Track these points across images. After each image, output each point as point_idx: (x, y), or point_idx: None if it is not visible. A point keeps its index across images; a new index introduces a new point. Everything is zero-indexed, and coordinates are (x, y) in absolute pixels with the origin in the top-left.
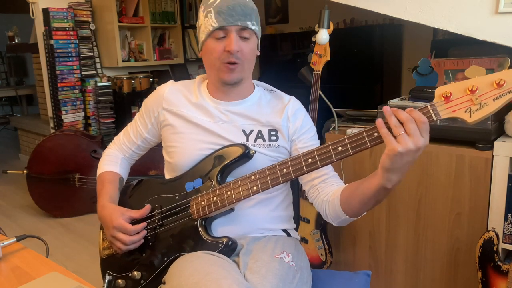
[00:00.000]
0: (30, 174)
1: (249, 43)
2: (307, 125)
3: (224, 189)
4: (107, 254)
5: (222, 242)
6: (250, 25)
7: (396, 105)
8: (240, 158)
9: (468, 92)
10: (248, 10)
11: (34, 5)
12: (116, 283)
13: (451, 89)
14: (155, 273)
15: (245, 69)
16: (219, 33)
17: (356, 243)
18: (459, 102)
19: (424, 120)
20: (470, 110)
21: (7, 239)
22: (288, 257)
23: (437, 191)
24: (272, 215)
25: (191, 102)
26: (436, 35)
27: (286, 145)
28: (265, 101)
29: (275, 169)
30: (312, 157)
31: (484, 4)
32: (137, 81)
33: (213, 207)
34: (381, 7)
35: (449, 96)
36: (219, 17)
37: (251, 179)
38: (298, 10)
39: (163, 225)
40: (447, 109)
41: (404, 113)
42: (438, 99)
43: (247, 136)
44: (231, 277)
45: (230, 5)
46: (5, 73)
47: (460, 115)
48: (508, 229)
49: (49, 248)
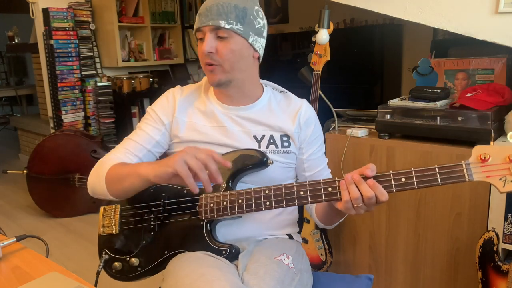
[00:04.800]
0: (30, 174)
1: (228, 42)
2: (317, 133)
3: (236, 197)
4: (106, 233)
5: (226, 250)
6: (223, 24)
7: (396, 105)
8: (256, 166)
9: (508, 160)
10: (227, 8)
11: (34, 5)
12: (113, 265)
13: (491, 152)
14: (154, 263)
15: (227, 71)
16: (199, 34)
17: (356, 243)
18: (496, 169)
19: (384, 199)
20: (506, 180)
21: (7, 239)
22: (288, 259)
23: (437, 191)
24: (278, 219)
25: (200, 110)
26: (436, 35)
27: (296, 151)
28: (276, 103)
29: (292, 189)
30: (333, 187)
31: (484, 4)
32: (137, 81)
33: (222, 213)
34: (381, 7)
35: (487, 159)
36: (197, 18)
37: (265, 193)
38: (298, 10)
39: (167, 217)
40: (482, 172)
41: (366, 188)
42: (475, 159)
43: (259, 142)
44: (226, 278)
45: (208, 6)
46: (5, 73)
47: (494, 182)
48: (508, 229)
49: (49, 248)
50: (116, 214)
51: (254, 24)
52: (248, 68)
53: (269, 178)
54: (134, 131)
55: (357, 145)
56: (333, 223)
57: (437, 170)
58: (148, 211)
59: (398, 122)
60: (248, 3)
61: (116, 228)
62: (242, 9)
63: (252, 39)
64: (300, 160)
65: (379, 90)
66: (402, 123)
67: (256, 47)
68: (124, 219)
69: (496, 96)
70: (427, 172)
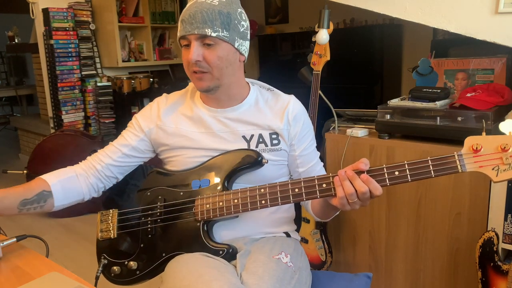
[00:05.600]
0: (30, 174)
1: (215, 50)
2: (307, 128)
3: (232, 196)
4: (104, 237)
5: (223, 250)
6: (209, 33)
7: (396, 105)
8: (251, 165)
9: (500, 149)
10: (211, 15)
11: (34, 5)
12: (111, 269)
13: (482, 142)
14: (152, 266)
15: (216, 77)
16: (183, 41)
17: (356, 243)
18: (489, 159)
19: (378, 194)
20: (498, 169)
21: (7, 239)
22: (286, 258)
23: (437, 191)
24: (274, 217)
25: (187, 116)
26: (436, 35)
27: (286, 148)
28: (263, 101)
29: (286, 186)
30: (327, 183)
31: (484, 4)
32: (137, 81)
33: (218, 213)
34: (381, 7)
35: (479, 150)
36: (181, 25)
37: (260, 192)
38: (298, 10)
39: (165, 219)
40: (475, 163)
41: (360, 183)
42: (467, 150)
43: (248, 142)
44: (224, 278)
45: (192, 12)
46: (5, 73)
47: (486, 172)
48: (508, 229)
49: (49, 248)
50: (113, 219)
51: (239, 28)
52: (235, 72)
53: (263, 177)
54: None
55: (357, 145)
56: (329, 217)
57: (430, 162)
58: (145, 214)
59: (398, 122)
60: (231, 6)
61: (114, 232)
62: (226, 15)
63: (238, 44)
64: (293, 156)
65: (379, 90)
66: (402, 123)
67: (242, 51)
68: (121, 223)
69: (496, 96)
70: (420, 165)
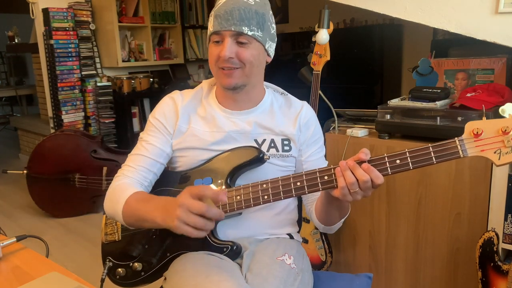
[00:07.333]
0: (30, 174)
1: (248, 48)
2: (317, 134)
3: (234, 193)
4: (109, 240)
5: (227, 246)
6: (246, 31)
7: (396, 105)
8: (253, 161)
9: (501, 132)
10: (248, 14)
11: (34, 5)
12: (117, 271)
13: (483, 126)
14: (157, 267)
15: (247, 75)
16: (215, 37)
17: (356, 243)
18: (490, 142)
19: (380, 182)
20: (500, 152)
21: (7, 239)
22: (289, 260)
23: (437, 191)
24: (277, 218)
25: (200, 116)
26: (436, 35)
27: (296, 155)
28: (277, 106)
29: (288, 180)
30: (328, 175)
31: (484, 4)
32: (137, 81)
33: (221, 210)
34: (381, 7)
35: (480, 134)
36: (216, 21)
37: (263, 187)
38: (298, 10)
39: None
40: (476, 147)
41: (361, 172)
42: (468, 135)
43: (259, 146)
44: (232, 279)
45: (229, 9)
46: (5, 73)
47: (488, 156)
48: (508, 229)
49: (49, 248)
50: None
51: (270, 30)
52: (260, 72)
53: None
54: (141, 145)
55: (357, 145)
56: (333, 223)
57: (431, 149)
58: None
59: (398, 122)
60: (265, 8)
61: (119, 234)
62: (261, 15)
63: (268, 45)
64: (299, 161)
65: (379, 90)
66: (402, 123)
67: (270, 52)
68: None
69: (496, 96)
70: (421, 152)
